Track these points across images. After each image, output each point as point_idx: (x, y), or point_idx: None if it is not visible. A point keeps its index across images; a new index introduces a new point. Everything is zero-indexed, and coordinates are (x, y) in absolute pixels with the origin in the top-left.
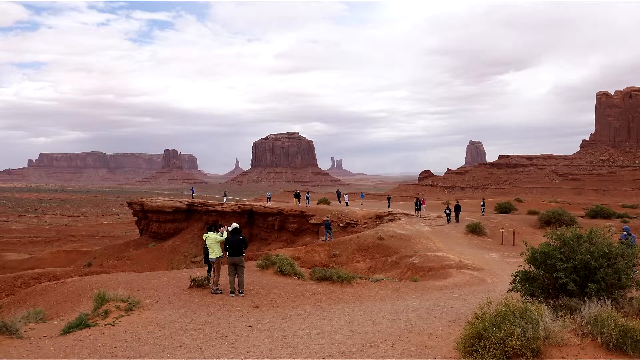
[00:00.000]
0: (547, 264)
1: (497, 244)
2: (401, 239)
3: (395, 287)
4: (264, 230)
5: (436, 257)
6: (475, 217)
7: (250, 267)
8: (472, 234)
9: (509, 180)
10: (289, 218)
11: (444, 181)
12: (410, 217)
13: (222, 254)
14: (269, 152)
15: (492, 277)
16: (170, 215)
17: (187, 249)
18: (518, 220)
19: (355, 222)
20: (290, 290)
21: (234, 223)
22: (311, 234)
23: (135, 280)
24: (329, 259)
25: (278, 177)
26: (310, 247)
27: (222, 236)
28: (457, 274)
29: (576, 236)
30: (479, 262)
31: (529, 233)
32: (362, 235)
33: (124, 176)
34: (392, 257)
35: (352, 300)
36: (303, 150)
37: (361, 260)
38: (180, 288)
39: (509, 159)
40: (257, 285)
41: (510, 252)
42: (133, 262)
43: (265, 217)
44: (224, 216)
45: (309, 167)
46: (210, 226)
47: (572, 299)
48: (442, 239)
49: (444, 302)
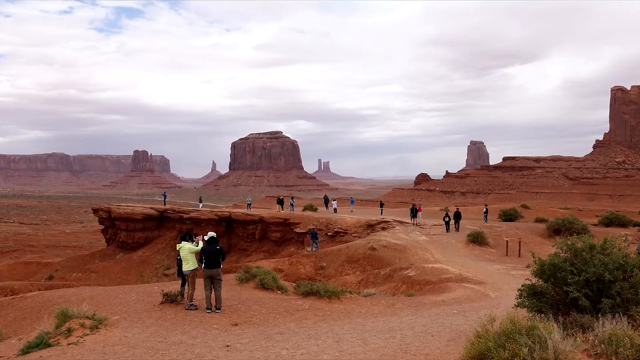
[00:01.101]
0: (557, 277)
1: (501, 255)
2: (395, 249)
3: (388, 302)
4: (244, 240)
5: (434, 270)
6: (477, 225)
7: (229, 281)
8: (474, 244)
9: (514, 184)
10: (271, 226)
11: (443, 185)
12: (405, 226)
13: (198, 266)
14: (249, 154)
15: (495, 291)
16: (140, 223)
17: (158, 260)
18: (524, 229)
19: (345, 230)
20: (273, 306)
21: (210, 232)
22: (296, 244)
23: (101, 295)
24: (316, 272)
25: (259, 181)
26: (295, 259)
27: (198, 246)
28: (457, 288)
29: (589, 246)
30: (481, 275)
31: (537, 243)
32: (352, 246)
33: (88, 180)
34: (385, 269)
35: (341, 317)
36: (287, 151)
37: (351, 272)
38: (151, 304)
39: (515, 161)
40: (236, 301)
41: (515, 264)
42: (99, 275)
43: (245, 225)
44: (200, 224)
45: (293, 170)
46: (185, 235)
47: (584, 315)
48: (440, 250)
49: (443, 319)
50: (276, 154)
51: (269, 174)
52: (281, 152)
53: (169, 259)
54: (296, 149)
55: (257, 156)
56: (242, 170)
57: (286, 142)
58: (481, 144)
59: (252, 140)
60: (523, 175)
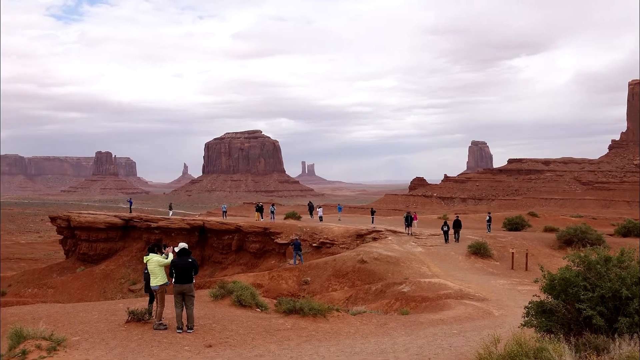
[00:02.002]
0: (568, 293)
1: (506, 268)
2: (388, 262)
3: (380, 321)
4: (219, 252)
5: (431, 285)
6: (480, 235)
7: (202, 297)
8: (476, 256)
9: (520, 189)
10: (249, 236)
11: (441, 191)
12: (399, 236)
13: (167, 280)
14: (225, 155)
15: (500, 309)
16: (103, 232)
17: (123, 274)
18: (532, 239)
19: (332, 241)
20: (251, 326)
21: (181, 242)
22: (277, 256)
23: (59, 313)
24: (299, 287)
25: (236, 185)
26: (276, 273)
27: (167, 259)
28: (456, 306)
29: (604, 259)
30: (484, 290)
31: (546, 255)
32: (340, 258)
33: (46, 185)
34: (377, 284)
35: (327, 337)
36: (267, 153)
37: (339, 288)
38: (116, 323)
39: (521, 163)
40: (210, 320)
41: (522, 279)
42: (57, 291)
43: (220, 235)
44: (170, 234)
45: (274, 174)
46: (153, 246)
47: (599, 335)
48: (438, 262)
49: (441, 340)
50: (255, 155)
51: (247, 178)
52: (261, 154)
53: (136, 273)
54: (277, 150)
55: (233, 158)
56: (217, 174)
57: (266, 142)
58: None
59: (228, 140)
60: (530, 179)
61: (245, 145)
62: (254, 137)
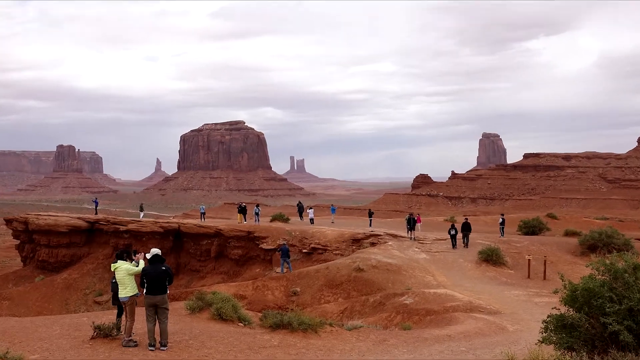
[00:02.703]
0: (592, 306)
1: (521, 277)
2: (388, 270)
3: (379, 337)
4: (196, 259)
5: (437, 296)
6: (492, 239)
7: (178, 310)
8: (487, 264)
9: (538, 188)
10: (231, 241)
11: (448, 189)
12: (401, 240)
13: (138, 291)
14: (203, 149)
15: (514, 323)
16: (66, 237)
17: (88, 284)
18: (551, 245)
19: (324, 247)
20: (233, 342)
21: (154, 248)
22: (262, 263)
23: (16, 328)
24: (287, 299)
25: (216, 183)
26: (261, 282)
27: (138, 267)
28: (465, 320)
29: (632, 266)
30: (497, 302)
31: (566, 262)
32: (334, 266)
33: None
34: (375, 295)
35: (319, 355)
36: (251, 147)
37: (332, 300)
38: (80, 339)
39: (539, 158)
40: (186, 335)
41: (540, 289)
42: (13, 303)
43: (197, 239)
44: (141, 239)
45: (258, 170)
46: (121, 253)
47: (627, 354)
48: (445, 271)
49: (448, 358)
50: (237, 149)
51: (228, 175)
52: (243, 148)
53: (102, 283)
54: (262, 143)
55: (212, 153)
56: (194, 171)
57: (250, 134)
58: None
59: (207, 132)
60: (549, 176)
61: (225, 138)
62: (235, 129)
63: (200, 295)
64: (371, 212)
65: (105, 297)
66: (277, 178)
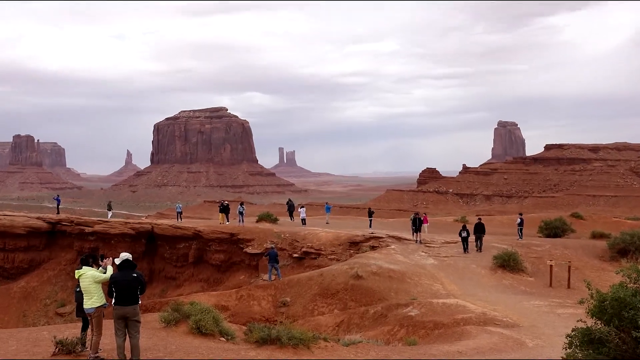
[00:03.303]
0: (623, 318)
1: (542, 285)
2: (390, 277)
3: (380, 354)
4: (172, 264)
5: (446, 307)
6: (509, 242)
7: (151, 323)
8: (503, 270)
9: (561, 184)
10: (211, 244)
11: (459, 186)
12: (405, 244)
13: (106, 301)
14: (180, 140)
15: (534, 338)
16: (23, 240)
17: (49, 293)
18: (576, 248)
19: (318, 250)
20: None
21: (124, 253)
22: (247, 269)
23: None
24: (276, 310)
25: (194, 179)
26: (246, 291)
27: (106, 273)
28: (479, 334)
29: None
30: (514, 314)
31: (594, 268)
32: (329, 273)
33: None
34: (376, 306)
35: None
36: (234, 137)
37: (327, 311)
38: (39, 355)
39: (562, 150)
40: (160, 352)
41: (563, 299)
42: None
43: (173, 242)
44: (109, 241)
45: (243, 164)
46: (87, 257)
47: None
48: (455, 278)
49: None
50: (219, 140)
51: (209, 169)
52: (226, 138)
53: (65, 292)
54: (247, 133)
55: (191, 144)
56: (170, 164)
57: (233, 123)
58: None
59: (184, 120)
60: (574, 170)
61: (205, 127)
62: (217, 117)
63: (176, 306)
64: (371, 212)
65: (68, 308)
66: (264, 173)
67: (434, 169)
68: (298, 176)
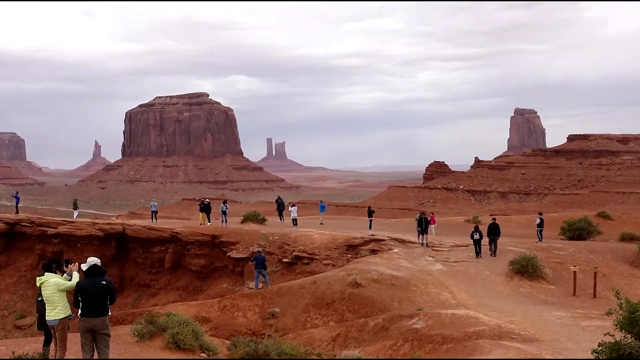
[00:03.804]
0: None
1: (565, 294)
2: (393, 285)
3: None
4: (146, 270)
5: (456, 319)
6: (527, 246)
7: (122, 336)
8: (521, 277)
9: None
10: (190, 248)
11: (470, 181)
12: (410, 247)
13: (71, 312)
14: (155, 130)
15: (556, 353)
16: None
17: (7, 303)
18: (603, 252)
19: (311, 255)
20: None
21: (91, 257)
22: (231, 276)
23: None
24: (263, 322)
25: (172, 173)
26: (230, 301)
27: (71, 280)
28: (493, 349)
29: None
30: (533, 326)
31: (623, 275)
32: (323, 280)
33: None
34: (377, 318)
35: None
36: (216, 127)
37: (321, 323)
38: None
39: (587, 140)
40: None
41: (588, 310)
42: None
43: (148, 246)
44: (75, 244)
45: (226, 157)
46: (50, 263)
47: None
48: (466, 286)
49: None
50: (199, 130)
51: (188, 162)
52: (207, 128)
53: (25, 302)
54: (231, 122)
55: (167, 134)
56: (144, 157)
57: (215, 111)
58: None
59: (160, 107)
60: (601, 164)
61: (184, 115)
62: (197, 104)
63: (151, 318)
64: (371, 211)
65: (28, 319)
66: (250, 167)
67: (443, 163)
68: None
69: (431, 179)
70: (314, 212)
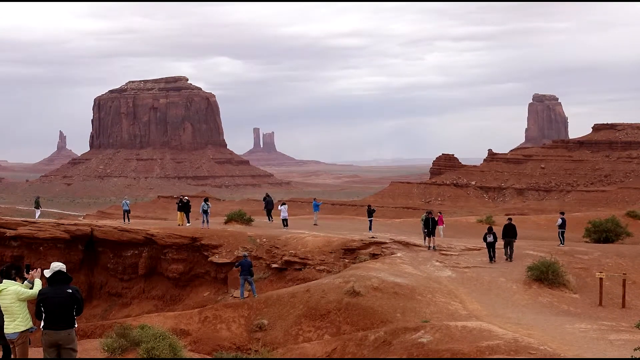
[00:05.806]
0: None
1: (590, 304)
2: (396, 294)
3: None
4: (118, 277)
5: (467, 332)
6: (547, 249)
7: (90, 351)
8: (540, 284)
9: (614, 174)
10: (167, 252)
11: (483, 177)
12: (415, 251)
13: (33, 324)
14: (128, 119)
15: None
16: None
17: None
18: (633, 257)
19: (303, 259)
20: None
21: (56, 262)
22: (212, 284)
23: None
24: (250, 335)
25: (146, 168)
26: (212, 312)
27: (33, 289)
28: None
29: None
30: (554, 341)
31: None
32: (317, 288)
33: None
34: (378, 331)
35: None
36: (196, 115)
37: (315, 337)
38: None
39: (615, 131)
40: None
41: (616, 321)
42: None
43: (119, 249)
44: (36, 248)
45: (207, 149)
46: (9, 269)
47: None
48: (478, 295)
49: None
50: (177, 118)
51: (164, 155)
52: (186, 116)
53: None
54: (214, 110)
55: (141, 123)
56: (114, 150)
57: (195, 97)
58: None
59: (133, 93)
60: (630, 157)
61: (160, 102)
62: (174, 89)
63: (123, 331)
64: (372, 210)
65: None
66: (235, 160)
67: (452, 156)
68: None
69: (439, 174)
70: (306, 211)
